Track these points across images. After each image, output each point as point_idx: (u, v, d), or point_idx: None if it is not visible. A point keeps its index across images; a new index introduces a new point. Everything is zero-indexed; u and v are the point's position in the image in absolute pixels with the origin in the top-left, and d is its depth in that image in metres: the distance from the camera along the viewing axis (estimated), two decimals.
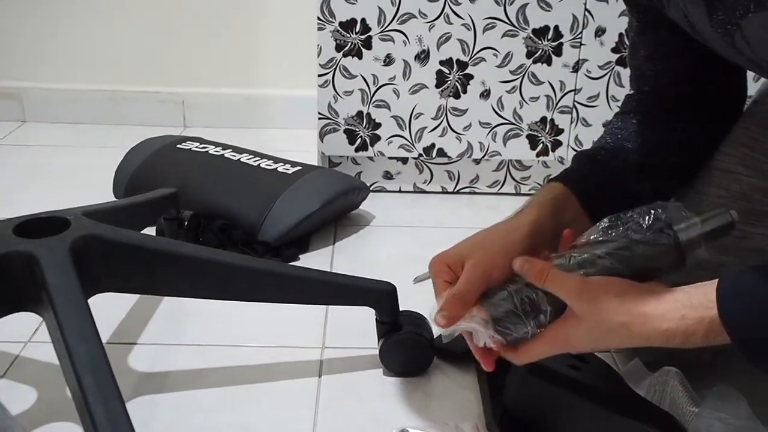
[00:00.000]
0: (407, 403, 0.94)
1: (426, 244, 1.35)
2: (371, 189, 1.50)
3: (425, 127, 1.49)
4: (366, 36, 1.42)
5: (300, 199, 1.30)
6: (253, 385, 0.96)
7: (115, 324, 1.07)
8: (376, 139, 1.50)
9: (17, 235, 0.82)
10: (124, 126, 1.95)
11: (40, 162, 1.71)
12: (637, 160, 0.91)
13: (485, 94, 1.47)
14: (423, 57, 1.44)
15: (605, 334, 0.72)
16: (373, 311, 0.99)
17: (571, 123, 1.50)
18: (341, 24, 1.41)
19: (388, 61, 1.44)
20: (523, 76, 1.46)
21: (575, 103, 1.49)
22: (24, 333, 1.04)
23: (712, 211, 0.75)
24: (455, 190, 1.57)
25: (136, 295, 1.13)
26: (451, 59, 1.44)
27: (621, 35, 1.44)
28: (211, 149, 1.45)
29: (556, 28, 1.43)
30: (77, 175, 1.64)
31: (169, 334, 1.06)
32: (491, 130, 1.50)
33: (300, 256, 1.28)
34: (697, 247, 0.75)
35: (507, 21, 1.41)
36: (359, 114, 1.48)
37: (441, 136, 1.50)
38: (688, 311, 0.70)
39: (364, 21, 1.41)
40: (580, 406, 0.84)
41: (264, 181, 1.34)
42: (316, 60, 1.44)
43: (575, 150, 1.51)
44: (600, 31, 1.43)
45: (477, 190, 1.58)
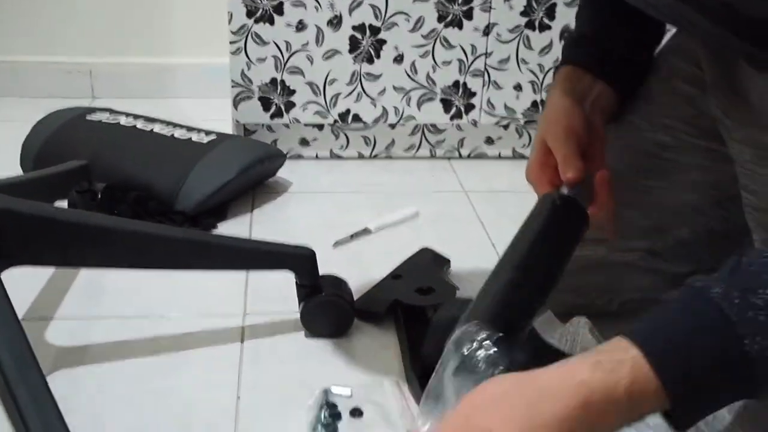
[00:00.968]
0: (330, 364, 0.96)
1: (344, 210, 1.37)
2: (288, 156, 1.50)
3: (340, 93, 1.50)
4: (277, 2, 1.41)
5: (216, 167, 1.29)
6: (175, 353, 0.96)
7: (30, 299, 1.05)
8: (290, 105, 1.49)
9: None
10: (28, 99, 1.88)
11: None
12: (633, 35, 0.92)
13: (398, 59, 1.48)
14: (336, 22, 1.44)
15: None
16: (292, 276, 1.00)
17: (483, 86, 1.53)
18: None
19: (301, 27, 1.43)
20: (436, 40, 1.48)
21: (486, 67, 1.51)
22: None
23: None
24: (371, 156, 1.59)
25: (51, 269, 1.11)
26: (363, 24, 1.45)
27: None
28: (123, 120, 1.42)
29: None
30: None
31: (87, 307, 1.05)
32: (405, 95, 1.51)
33: (218, 225, 1.28)
34: None
35: None
36: (273, 81, 1.47)
37: (356, 102, 1.51)
38: (602, 356, 0.59)
39: None
40: None
41: (178, 150, 1.33)
42: (227, 27, 1.42)
43: (488, 113, 1.54)
44: None
45: (393, 155, 1.59)
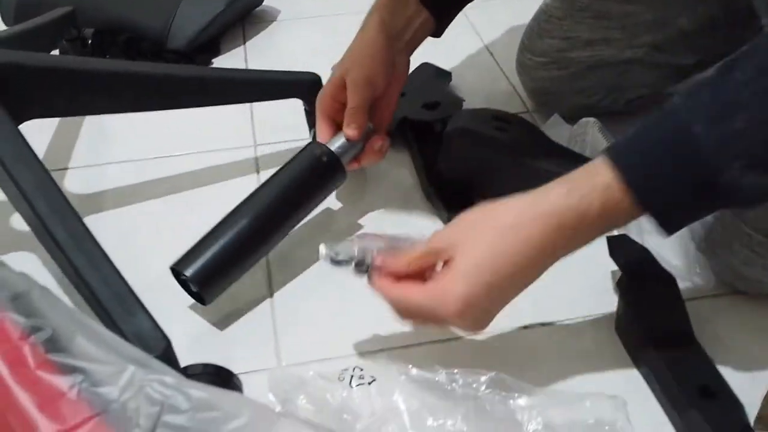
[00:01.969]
0: (345, 186, 0.97)
1: (337, 32, 1.32)
2: None
3: None
4: None
5: (203, 1, 1.25)
6: (193, 190, 0.97)
7: (40, 153, 1.03)
8: None
9: None
10: None
11: None
12: None
13: None
14: None
15: (492, 259, 0.63)
16: (297, 104, 0.99)
17: None
18: None
19: None
20: None
21: None
22: None
23: None
24: None
25: (55, 121, 1.10)
26: None
27: None
28: None
29: None
30: None
31: (99, 154, 1.05)
32: None
33: (213, 61, 1.26)
34: None
35: None
36: None
37: None
38: (572, 185, 0.62)
39: None
40: (509, 162, 0.89)
41: None
42: None
43: None
44: None
45: None
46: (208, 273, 0.76)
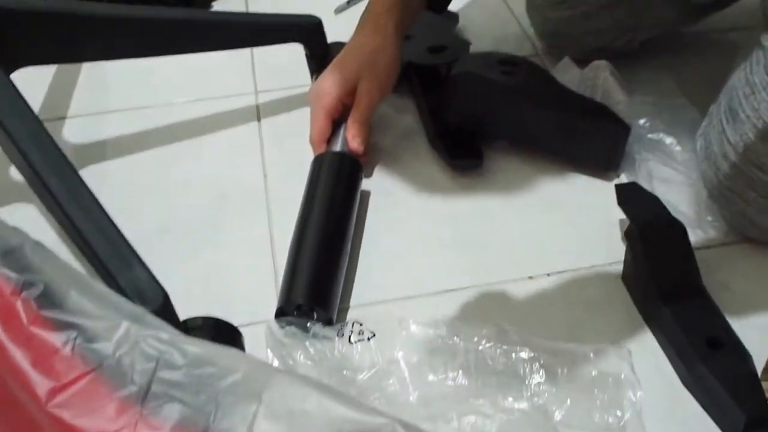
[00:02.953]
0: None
1: None
2: None
3: None
4: None
5: None
6: (195, 138, 0.96)
7: (37, 102, 1.02)
8: None
9: None
10: None
11: None
12: None
13: None
14: None
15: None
16: (298, 49, 0.97)
17: None
18: None
19: None
20: None
21: None
22: None
23: None
24: None
25: (51, 70, 1.07)
26: None
27: None
28: None
29: None
30: None
31: (97, 102, 1.03)
32: None
33: (212, 3, 1.22)
34: None
35: None
36: None
37: None
38: None
39: None
40: (516, 106, 0.87)
41: None
42: None
43: None
44: None
45: None
46: (321, 292, 0.72)
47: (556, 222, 0.83)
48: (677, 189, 0.82)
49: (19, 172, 0.74)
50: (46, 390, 0.50)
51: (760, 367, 0.66)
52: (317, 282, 0.71)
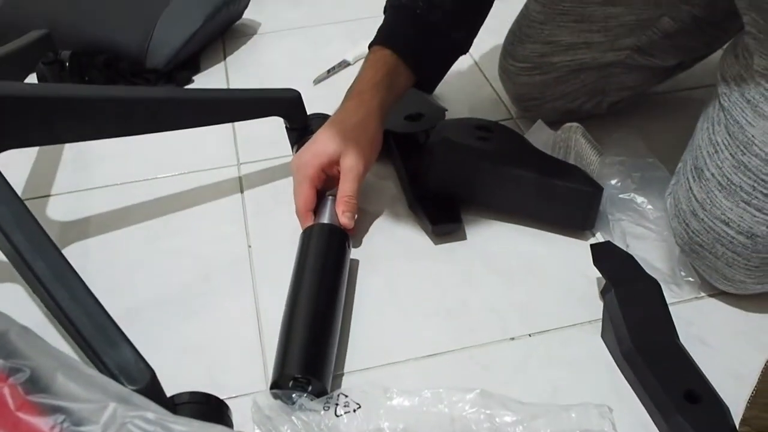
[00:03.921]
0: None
1: (318, 44, 1.34)
2: None
3: None
4: None
5: (180, 18, 1.25)
6: (179, 213, 0.97)
7: (22, 181, 1.04)
8: None
9: None
10: None
11: None
12: (452, 6, 0.91)
13: None
14: None
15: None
16: (280, 120, 0.99)
17: None
18: None
19: None
20: None
21: None
22: None
23: None
24: None
25: (35, 150, 1.10)
26: None
27: None
28: None
29: None
30: None
31: (81, 180, 1.04)
32: None
33: (193, 78, 1.25)
34: None
35: None
36: None
37: None
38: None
39: None
40: (493, 172, 0.89)
41: (138, 4, 1.27)
42: None
43: None
44: None
45: None
46: (316, 363, 0.72)
47: (535, 282, 0.85)
48: (650, 246, 0.84)
49: (3, 255, 0.75)
50: None
51: (737, 419, 0.67)
52: (311, 353, 0.72)
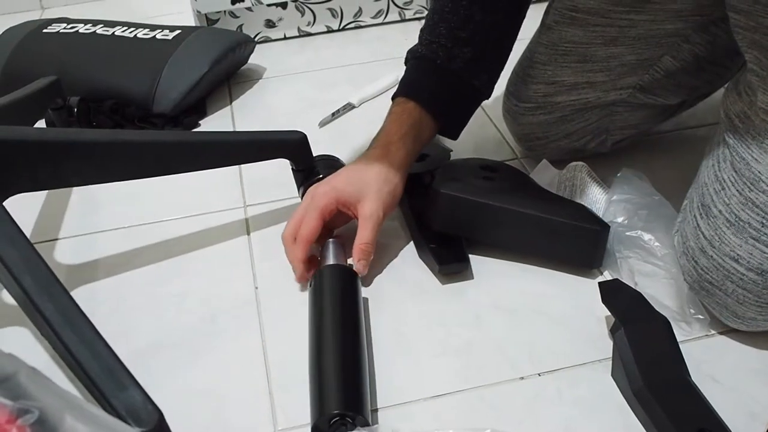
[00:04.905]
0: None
1: (322, 87, 1.36)
2: (256, 41, 1.47)
3: None
4: None
5: (187, 63, 1.26)
6: (186, 255, 0.97)
7: (30, 225, 1.05)
8: None
9: None
10: None
11: None
12: (472, 55, 0.92)
13: None
14: None
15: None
16: (286, 162, 1.00)
17: None
18: None
19: None
20: None
21: None
22: None
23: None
24: (340, 27, 1.56)
25: (44, 193, 1.10)
26: None
27: None
28: (81, 28, 1.37)
29: None
30: None
31: (88, 223, 1.05)
32: None
33: (200, 122, 1.27)
34: None
35: None
36: None
37: None
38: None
39: None
40: (498, 212, 0.89)
41: (145, 51, 1.29)
42: None
43: None
44: None
45: (362, 24, 1.56)
46: (354, 398, 0.72)
47: (543, 321, 0.84)
48: (659, 284, 0.84)
49: (12, 298, 0.75)
50: None
51: None
52: (348, 389, 0.72)
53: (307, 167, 0.99)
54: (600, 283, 0.81)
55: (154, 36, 1.33)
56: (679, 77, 0.96)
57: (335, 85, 1.35)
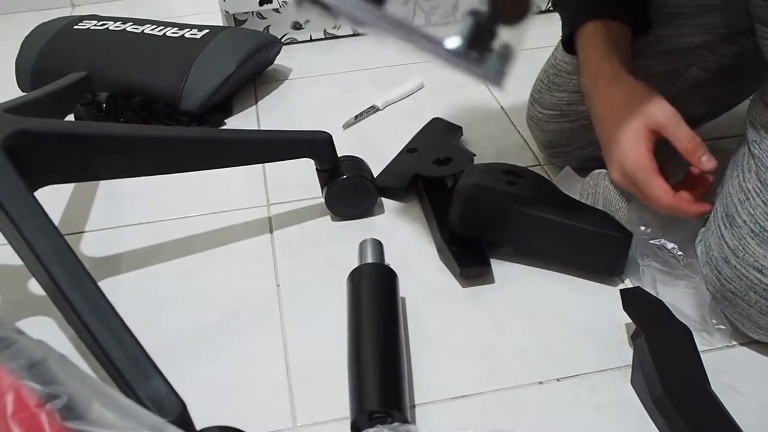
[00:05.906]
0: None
1: (346, 89, 1.37)
2: (283, 42, 1.48)
3: None
4: None
5: (214, 62, 1.28)
6: (209, 251, 0.98)
7: (57, 217, 1.06)
8: None
9: None
10: (4, 15, 1.83)
11: None
12: None
13: None
14: None
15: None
16: (309, 162, 1.01)
17: None
18: None
19: None
20: None
21: None
22: None
23: None
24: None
25: (71, 186, 1.12)
26: None
27: None
28: (111, 25, 1.39)
29: None
30: None
31: (114, 217, 1.06)
32: None
33: (225, 121, 1.28)
34: None
35: None
36: None
37: None
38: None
39: None
40: (521, 216, 0.90)
41: (174, 49, 1.31)
42: None
43: None
44: None
45: None
46: (393, 396, 0.73)
47: (564, 327, 0.84)
48: (681, 293, 0.84)
49: (41, 287, 0.76)
50: None
51: None
52: (387, 386, 0.73)
53: (332, 167, 1.00)
54: (621, 290, 0.81)
55: (183, 35, 1.34)
56: (704, 88, 0.96)
57: (360, 88, 1.36)
